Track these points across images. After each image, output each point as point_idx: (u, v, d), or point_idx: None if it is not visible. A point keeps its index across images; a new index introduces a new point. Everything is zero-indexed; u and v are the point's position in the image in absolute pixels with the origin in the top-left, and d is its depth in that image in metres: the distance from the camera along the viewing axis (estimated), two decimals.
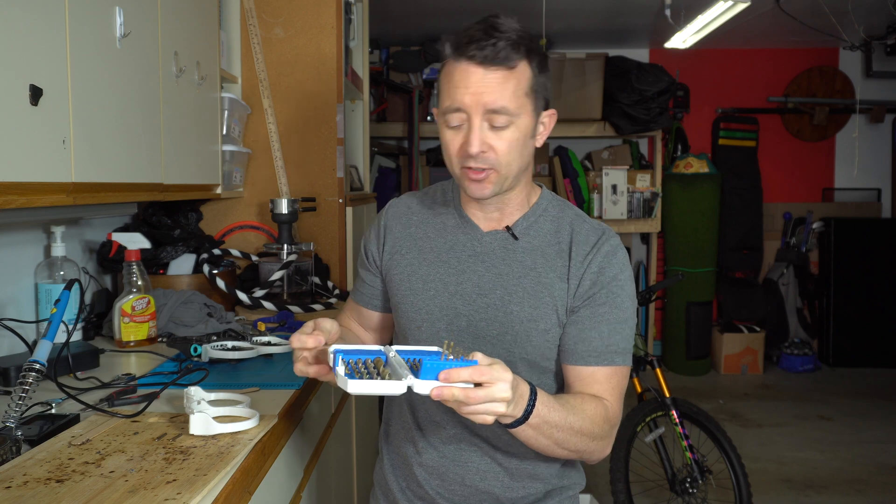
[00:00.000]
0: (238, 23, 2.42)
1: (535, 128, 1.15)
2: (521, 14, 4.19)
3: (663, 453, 2.76)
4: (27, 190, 1.13)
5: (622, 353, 1.16)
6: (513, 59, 1.08)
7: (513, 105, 1.09)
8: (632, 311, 1.18)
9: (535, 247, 1.20)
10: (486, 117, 1.10)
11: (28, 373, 1.16)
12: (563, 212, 1.23)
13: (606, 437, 1.13)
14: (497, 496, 1.22)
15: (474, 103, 1.09)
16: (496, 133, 1.10)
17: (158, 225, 2.20)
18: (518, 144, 1.12)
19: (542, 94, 1.15)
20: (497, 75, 1.08)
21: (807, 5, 4.06)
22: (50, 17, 1.18)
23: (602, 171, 5.04)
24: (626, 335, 1.17)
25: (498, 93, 1.08)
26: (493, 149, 1.11)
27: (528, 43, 1.11)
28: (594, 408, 1.11)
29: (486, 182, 1.13)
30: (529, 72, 1.11)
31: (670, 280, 3.09)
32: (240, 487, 1.03)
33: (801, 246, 5.50)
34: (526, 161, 1.17)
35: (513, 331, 1.17)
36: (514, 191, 1.20)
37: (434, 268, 1.23)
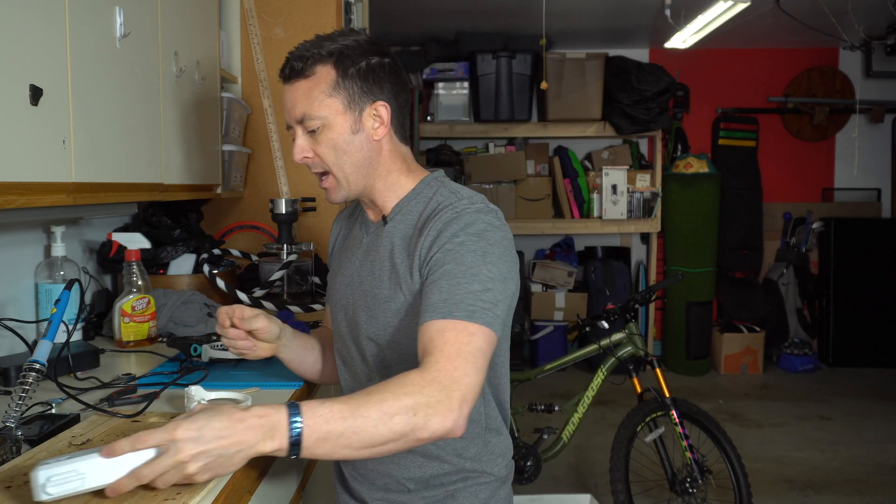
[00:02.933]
0: (238, 23, 2.42)
1: (356, 124, 1.18)
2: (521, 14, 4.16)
3: (663, 453, 2.76)
4: (27, 190, 1.13)
5: (466, 309, 1.03)
6: (306, 69, 1.16)
7: (314, 109, 1.16)
8: (482, 268, 1.07)
9: (398, 230, 1.21)
10: (301, 127, 1.19)
11: (28, 373, 1.16)
12: (436, 191, 1.21)
13: (435, 402, 0.94)
14: (395, 476, 1.21)
15: (289, 118, 1.20)
16: (314, 138, 1.18)
17: (158, 225, 2.20)
18: (338, 143, 1.17)
19: (361, 91, 1.17)
20: (296, 86, 1.18)
21: (807, 5, 4.06)
22: (50, 17, 1.18)
23: (602, 171, 5.04)
24: (472, 290, 1.05)
25: (298, 102, 1.17)
26: (318, 154, 1.19)
27: (332, 48, 1.16)
28: (405, 378, 0.96)
29: (331, 189, 1.22)
30: (333, 73, 1.16)
31: (670, 280, 3.09)
32: (240, 487, 1.03)
33: (801, 246, 5.50)
34: (360, 156, 1.19)
35: (376, 314, 1.19)
36: (377, 185, 1.23)
37: (343, 263, 1.32)
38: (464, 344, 1.01)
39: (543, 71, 4.14)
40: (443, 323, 1.03)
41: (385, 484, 1.23)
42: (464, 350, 1.00)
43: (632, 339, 2.86)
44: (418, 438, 0.94)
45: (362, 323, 1.21)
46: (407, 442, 0.94)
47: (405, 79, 1.24)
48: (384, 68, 1.19)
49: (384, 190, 1.23)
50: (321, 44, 1.17)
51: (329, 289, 1.35)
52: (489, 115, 5.00)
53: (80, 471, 0.86)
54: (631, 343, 2.86)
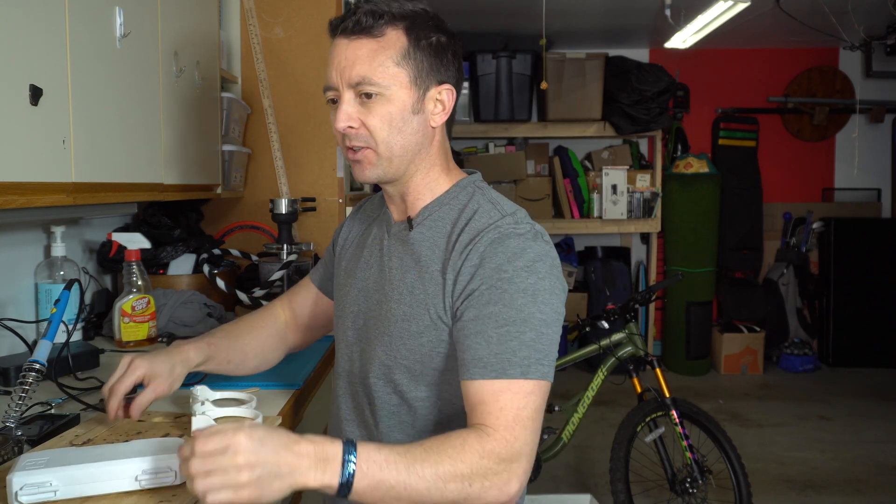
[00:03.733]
0: (238, 23, 2.42)
1: (418, 103, 1.06)
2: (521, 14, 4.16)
3: (663, 453, 2.76)
4: (27, 190, 1.13)
5: (520, 364, 0.95)
6: (377, 28, 1.03)
7: (378, 75, 1.03)
8: (534, 311, 0.98)
9: (427, 237, 1.08)
10: (353, 90, 1.04)
11: (28, 373, 1.16)
12: (471, 197, 1.09)
13: (493, 475, 0.89)
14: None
15: (339, 77, 1.05)
16: (366, 107, 1.04)
17: (158, 225, 2.20)
18: (394, 119, 1.04)
19: (429, 68, 1.06)
20: (360, 44, 1.04)
21: (807, 5, 4.06)
22: (50, 17, 1.18)
23: (602, 171, 5.04)
24: (525, 342, 0.96)
25: (359, 63, 1.03)
26: (365, 125, 1.05)
27: (407, 13, 1.05)
28: (462, 440, 0.90)
29: (365, 163, 1.07)
30: (404, 41, 1.04)
31: (670, 280, 3.09)
32: None
33: (801, 246, 5.50)
34: (412, 140, 1.07)
35: (389, 331, 1.07)
36: (414, 179, 1.10)
37: (357, 265, 1.19)
38: (521, 409, 0.94)
39: (543, 71, 4.14)
40: (497, 384, 0.94)
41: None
42: (522, 415, 0.94)
43: (632, 339, 2.86)
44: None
45: (374, 338, 1.10)
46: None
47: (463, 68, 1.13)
48: (451, 49, 1.09)
49: (420, 186, 1.11)
50: (391, 3, 1.05)
51: (337, 288, 1.22)
52: (489, 115, 5.01)
53: (54, 484, 0.88)
54: (631, 343, 2.86)
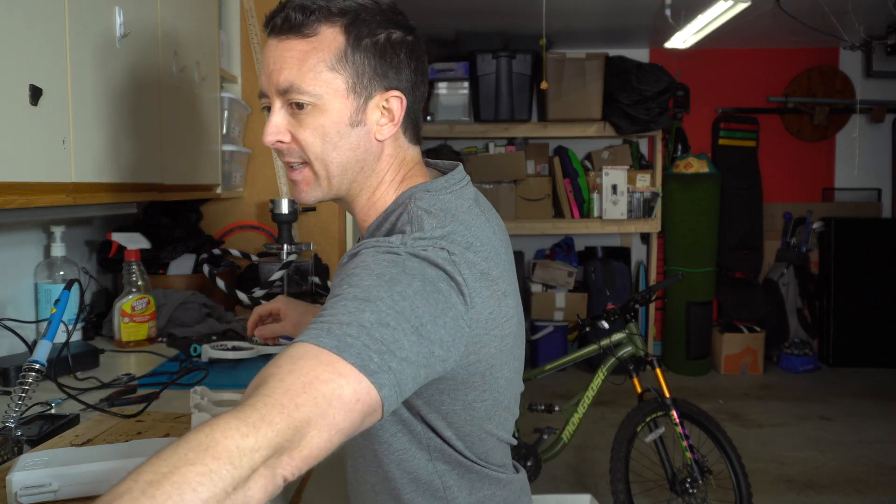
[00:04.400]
0: (238, 23, 2.42)
1: (358, 114, 0.91)
2: (521, 14, 4.16)
3: (663, 453, 2.76)
4: (27, 190, 1.13)
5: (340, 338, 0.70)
6: (307, 25, 0.88)
7: (308, 82, 0.88)
8: (382, 293, 0.75)
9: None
10: (282, 99, 0.91)
11: (28, 373, 1.16)
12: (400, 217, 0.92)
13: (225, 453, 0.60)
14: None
15: (267, 84, 0.91)
16: (297, 119, 0.90)
17: (158, 225, 2.20)
18: (328, 132, 0.90)
19: (373, 71, 0.90)
20: (288, 45, 0.89)
21: (807, 5, 4.06)
22: (50, 16, 1.18)
23: (602, 171, 5.04)
24: (359, 319, 0.73)
25: (287, 67, 0.89)
26: (296, 139, 0.91)
27: (348, 8, 0.89)
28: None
29: (302, 184, 0.94)
30: (340, 40, 0.89)
31: (670, 280, 3.09)
32: None
33: (802, 246, 5.50)
34: (351, 156, 0.92)
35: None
36: (360, 198, 0.97)
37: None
38: (320, 381, 0.67)
39: (543, 71, 4.14)
40: (301, 348, 0.70)
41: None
42: (281, 375, 0.67)
43: (632, 339, 2.86)
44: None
45: None
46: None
47: (426, 66, 0.97)
48: (406, 47, 0.92)
49: (366, 206, 0.97)
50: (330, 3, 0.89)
51: None
52: (489, 115, 5.01)
53: (54, 484, 0.89)
54: (631, 343, 2.86)
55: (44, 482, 0.88)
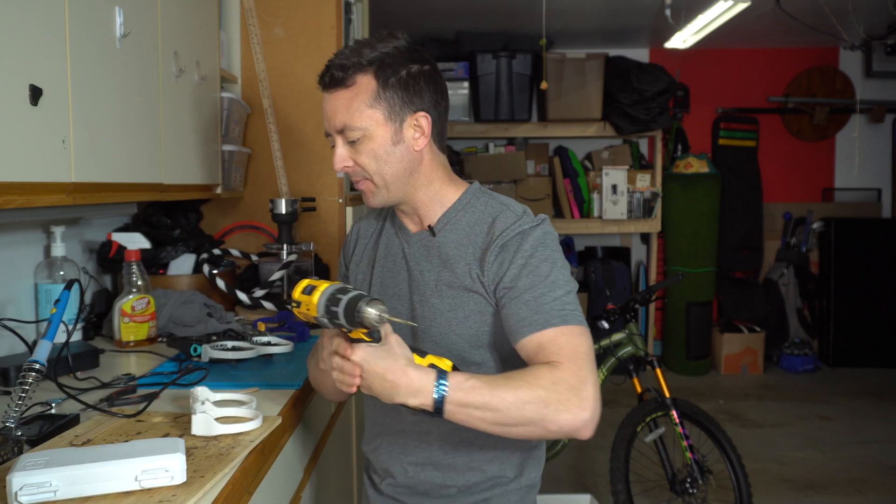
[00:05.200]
0: (238, 23, 2.42)
1: (397, 135, 1.19)
2: (521, 14, 4.15)
3: (663, 453, 2.76)
4: (27, 190, 1.13)
5: (559, 314, 1.11)
6: (347, 79, 1.17)
7: (355, 120, 1.17)
8: (558, 274, 1.15)
9: (451, 240, 1.23)
10: (341, 137, 1.20)
11: (28, 373, 1.16)
12: (487, 205, 1.25)
13: (566, 399, 1.03)
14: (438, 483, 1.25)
15: (329, 127, 1.22)
16: (354, 148, 1.20)
17: (158, 225, 2.20)
18: (379, 153, 1.19)
19: (401, 101, 1.18)
20: (336, 96, 1.19)
21: (807, 5, 4.06)
22: (50, 17, 1.18)
23: (602, 171, 5.04)
24: (557, 297, 1.13)
25: (339, 113, 1.19)
26: (357, 163, 1.21)
27: (374, 57, 1.17)
28: (538, 371, 1.06)
29: (367, 193, 1.24)
30: (374, 84, 1.17)
31: (670, 280, 3.09)
32: (240, 488, 1.03)
33: (802, 246, 5.50)
34: (400, 168, 1.21)
35: (436, 323, 1.22)
36: (418, 195, 1.25)
37: (378, 272, 1.31)
38: (577, 346, 1.09)
39: (543, 71, 4.14)
40: (547, 333, 1.10)
41: (426, 490, 1.26)
42: (579, 352, 1.08)
43: (632, 339, 2.86)
44: (547, 429, 1.05)
45: (425, 333, 1.22)
46: (535, 429, 1.05)
47: (444, 85, 1.25)
48: (424, 76, 1.20)
49: (427, 201, 1.25)
50: (361, 51, 1.17)
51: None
52: (489, 115, 5.01)
53: (54, 484, 0.89)
54: (631, 343, 2.86)
55: (44, 482, 0.88)
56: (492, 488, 1.25)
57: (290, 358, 1.66)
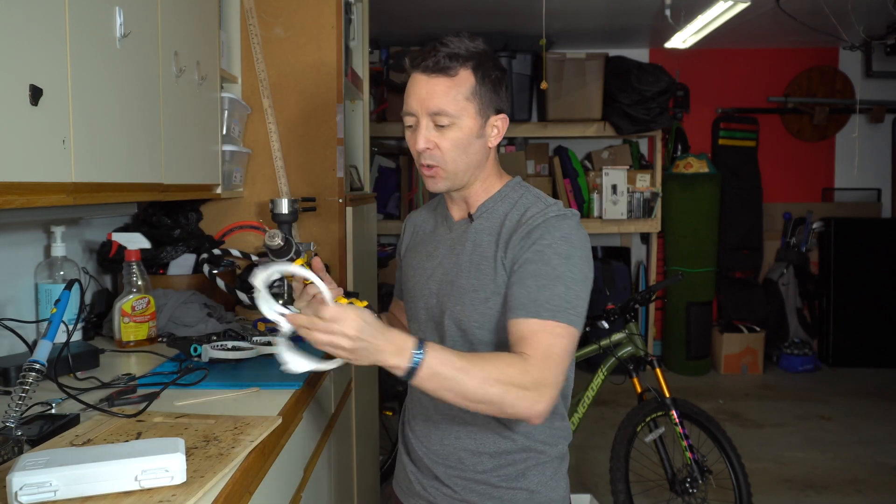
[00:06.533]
0: (238, 23, 2.42)
1: (481, 129, 1.28)
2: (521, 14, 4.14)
3: (663, 453, 2.76)
4: (27, 190, 1.13)
5: (551, 308, 1.18)
6: (453, 68, 1.24)
7: (452, 108, 1.25)
8: (567, 271, 1.21)
9: (485, 226, 1.32)
10: (430, 118, 1.26)
11: (28, 373, 1.16)
12: (522, 196, 1.33)
13: (526, 389, 1.13)
14: (471, 450, 1.33)
15: (419, 106, 1.27)
16: (440, 132, 1.27)
17: (158, 225, 2.20)
18: (462, 143, 1.27)
19: (490, 100, 1.28)
20: (438, 81, 1.25)
21: (807, 5, 4.06)
22: (50, 17, 1.18)
23: (602, 171, 5.04)
24: (557, 293, 1.19)
25: (439, 98, 1.25)
26: (438, 146, 1.27)
27: (475, 56, 1.26)
28: (508, 359, 1.15)
29: (436, 178, 1.30)
30: (472, 80, 1.26)
31: (670, 280, 3.09)
32: (240, 487, 1.03)
33: (801, 246, 5.50)
34: (474, 159, 1.30)
35: (461, 302, 1.29)
36: (474, 186, 1.34)
37: (422, 258, 1.41)
38: (553, 346, 1.17)
39: (543, 71, 4.14)
40: (532, 323, 1.18)
41: (460, 459, 1.33)
42: (552, 352, 1.17)
43: (632, 339, 2.86)
44: (504, 412, 1.15)
45: (448, 310, 1.30)
46: (495, 409, 1.15)
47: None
48: (503, 81, 1.30)
49: (479, 191, 1.34)
50: (464, 46, 1.26)
51: (405, 281, 1.44)
52: None
53: (54, 484, 0.89)
54: (631, 343, 2.86)
55: (44, 482, 0.88)
56: (525, 460, 1.32)
57: None
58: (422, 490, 1.39)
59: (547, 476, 1.34)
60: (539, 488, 1.33)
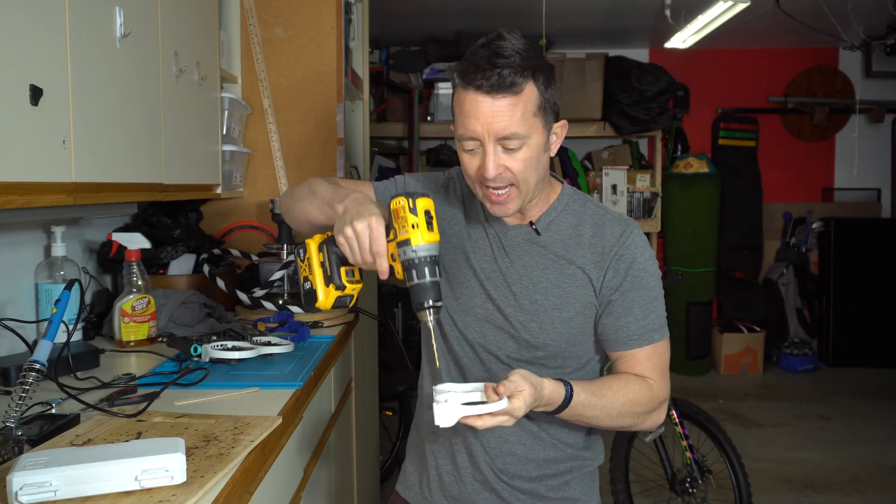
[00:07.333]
0: (238, 23, 2.42)
1: (546, 141, 1.20)
2: (521, 14, 4.16)
3: (663, 453, 2.76)
4: (27, 190, 1.13)
5: (658, 329, 1.26)
6: (518, 85, 1.12)
7: (522, 129, 1.14)
8: (659, 288, 1.27)
9: (556, 240, 1.27)
10: (498, 143, 1.15)
11: (28, 373, 1.16)
12: (584, 207, 1.30)
13: (654, 411, 1.25)
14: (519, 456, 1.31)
15: (485, 132, 1.14)
16: (510, 155, 1.16)
17: (158, 225, 2.20)
18: (533, 162, 1.17)
19: (552, 108, 1.19)
20: (504, 102, 1.12)
21: (807, 5, 4.06)
22: (50, 17, 1.18)
23: (602, 171, 5.04)
24: (658, 312, 1.26)
25: (507, 120, 1.13)
26: (509, 169, 1.17)
27: (533, 63, 1.14)
28: (637, 389, 1.23)
29: (507, 202, 1.20)
30: (536, 91, 1.15)
31: (670, 280, 3.08)
32: (240, 487, 1.03)
33: (801, 246, 5.50)
34: (543, 173, 1.23)
35: (538, 319, 1.25)
36: (539, 196, 1.28)
37: (465, 255, 1.32)
38: (665, 362, 1.28)
39: None
40: (648, 349, 1.25)
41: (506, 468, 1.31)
42: (665, 367, 1.28)
43: None
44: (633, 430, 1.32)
45: (515, 321, 1.26)
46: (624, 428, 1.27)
47: None
48: (554, 78, 1.21)
49: (538, 200, 1.28)
50: (521, 55, 1.13)
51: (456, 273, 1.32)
52: None
53: (54, 484, 0.89)
54: None
55: (44, 482, 0.88)
56: (570, 470, 1.33)
57: (290, 358, 1.66)
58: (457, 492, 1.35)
59: (587, 485, 1.36)
60: (581, 497, 1.35)
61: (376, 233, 1.11)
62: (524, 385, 1.07)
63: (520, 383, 1.07)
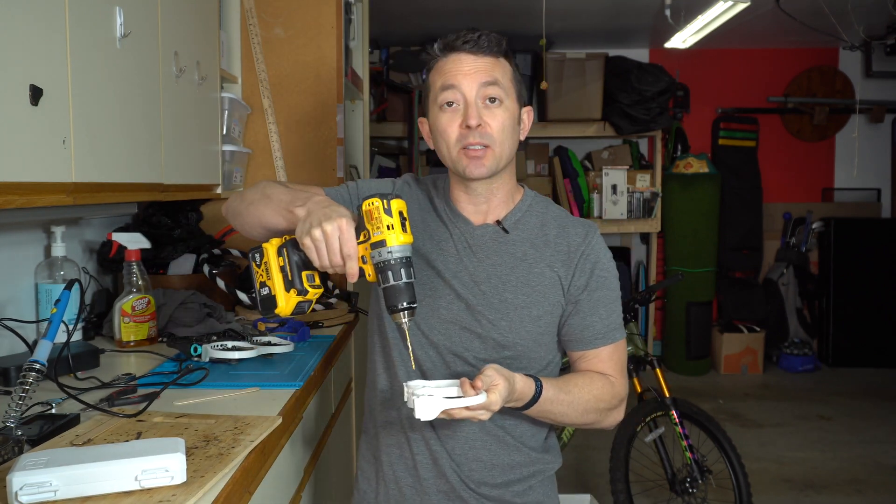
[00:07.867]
0: (238, 23, 2.42)
1: (517, 117, 1.26)
2: (521, 14, 4.16)
3: (663, 453, 2.76)
4: (27, 190, 1.13)
5: (619, 328, 1.31)
6: (499, 53, 1.23)
7: (504, 81, 1.23)
8: (618, 288, 1.33)
9: (524, 239, 1.29)
10: (480, 93, 1.21)
11: (28, 373, 1.16)
12: (547, 208, 1.34)
13: (615, 409, 1.29)
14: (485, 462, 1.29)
15: (469, 80, 1.21)
16: (489, 111, 1.21)
17: (158, 225, 2.20)
18: (507, 125, 1.23)
19: (520, 91, 1.27)
20: (486, 60, 1.22)
21: (807, 5, 4.06)
22: (50, 17, 1.18)
23: (602, 171, 5.04)
24: (618, 312, 1.32)
25: (488, 69, 1.21)
26: (488, 124, 1.21)
27: (505, 47, 1.25)
28: (601, 386, 1.26)
29: (483, 160, 1.22)
30: (510, 67, 1.25)
31: (670, 280, 3.08)
32: (240, 487, 1.03)
33: (801, 246, 5.50)
34: (513, 147, 1.26)
35: (508, 317, 1.25)
36: (501, 179, 1.29)
37: (432, 252, 1.30)
38: (623, 360, 1.32)
39: (543, 71, 4.14)
40: (610, 348, 1.29)
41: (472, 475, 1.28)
42: (624, 365, 1.33)
43: (632, 339, 2.85)
44: (594, 428, 1.31)
45: (484, 319, 1.25)
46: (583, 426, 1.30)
47: None
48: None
49: (504, 190, 1.30)
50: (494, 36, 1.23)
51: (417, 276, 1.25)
52: None
53: (54, 484, 0.89)
54: (631, 343, 2.85)
55: (44, 482, 0.88)
56: (533, 475, 1.32)
57: (290, 358, 1.66)
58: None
59: (549, 489, 1.36)
60: (545, 500, 1.35)
61: (347, 234, 1.08)
62: (499, 379, 1.08)
63: (494, 377, 1.08)
